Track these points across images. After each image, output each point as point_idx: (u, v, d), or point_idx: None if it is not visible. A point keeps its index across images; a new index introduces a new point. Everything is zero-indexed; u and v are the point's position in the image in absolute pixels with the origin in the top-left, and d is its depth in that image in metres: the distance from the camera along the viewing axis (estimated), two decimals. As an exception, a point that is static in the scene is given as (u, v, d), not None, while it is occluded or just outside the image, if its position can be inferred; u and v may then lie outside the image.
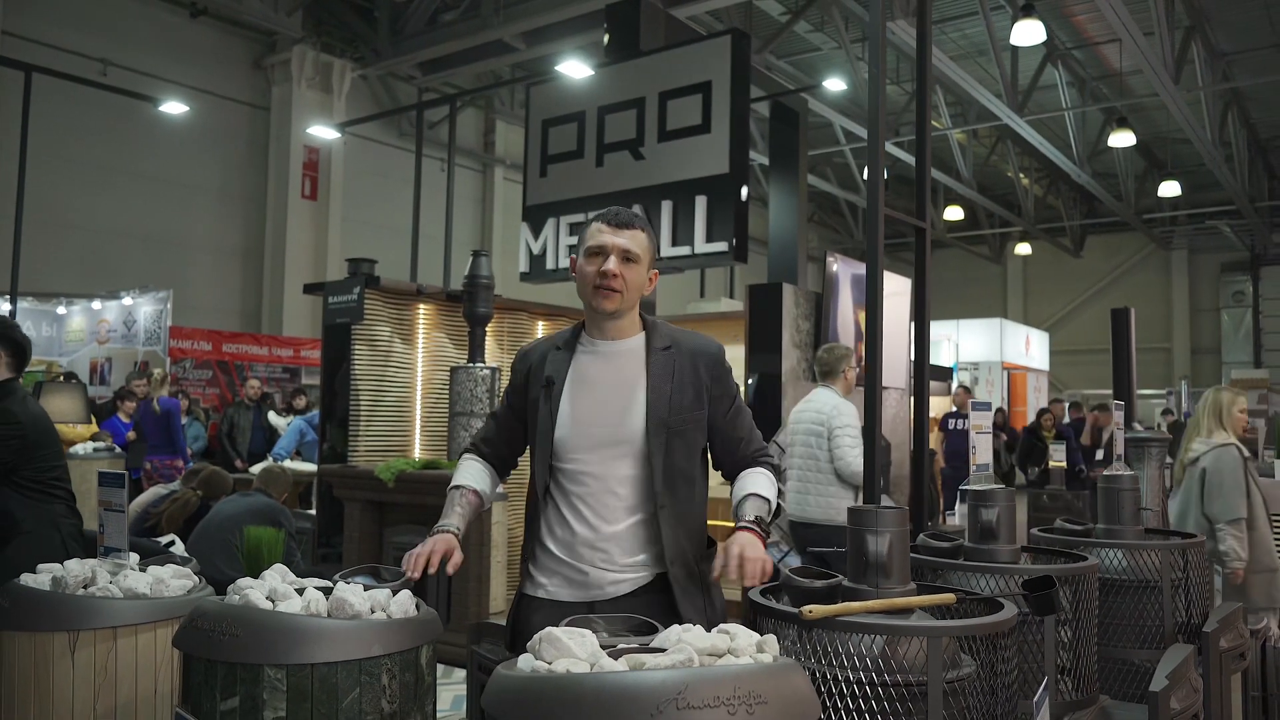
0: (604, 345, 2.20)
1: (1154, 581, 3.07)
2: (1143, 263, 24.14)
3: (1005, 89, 14.01)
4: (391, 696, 1.81)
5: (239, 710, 1.72)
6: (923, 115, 3.88)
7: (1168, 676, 2.30)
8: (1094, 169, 18.31)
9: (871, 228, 3.10)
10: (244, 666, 1.73)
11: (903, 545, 2.02)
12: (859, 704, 1.82)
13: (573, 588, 2.09)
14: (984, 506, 2.67)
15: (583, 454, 2.11)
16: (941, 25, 14.31)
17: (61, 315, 11.85)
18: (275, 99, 14.50)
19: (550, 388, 2.16)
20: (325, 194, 14.58)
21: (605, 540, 2.09)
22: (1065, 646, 2.58)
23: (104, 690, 2.19)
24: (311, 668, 1.73)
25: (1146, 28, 12.27)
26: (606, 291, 2.12)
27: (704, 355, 2.22)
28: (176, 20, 13.59)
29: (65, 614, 2.20)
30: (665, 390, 2.14)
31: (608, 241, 2.13)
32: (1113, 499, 3.25)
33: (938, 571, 2.67)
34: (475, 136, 17.75)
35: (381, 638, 1.80)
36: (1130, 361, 10.77)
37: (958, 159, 17.88)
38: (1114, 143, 15.91)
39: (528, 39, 12.62)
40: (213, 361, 11.68)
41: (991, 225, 23.54)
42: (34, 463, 3.07)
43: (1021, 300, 25.31)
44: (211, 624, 1.78)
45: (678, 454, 2.12)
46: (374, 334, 6.04)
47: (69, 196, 12.37)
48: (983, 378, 16.60)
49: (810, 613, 1.82)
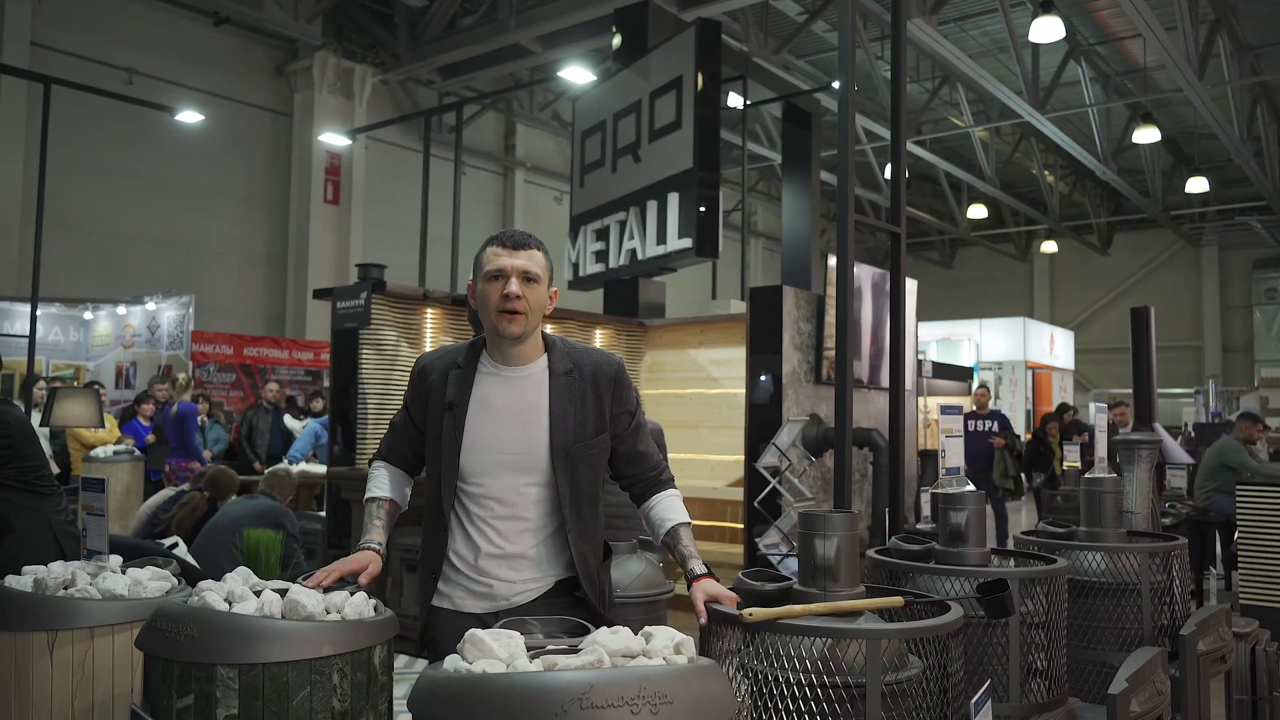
0: (506, 371, 2.18)
1: (1135, 584, 3.07)
2: (1171, 260, 23.86)
3: (1026, 86, 13.91)
4: (343, 695, 1.86)
5: (194, 708, 1.78)
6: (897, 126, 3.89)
7: (1128, 679, 2.31)
8: (1120, 165, 18.13)
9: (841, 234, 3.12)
10: (198, 666, 1.78)
11: (851, 549, 2.05)
12: (800, 705, 1.85)
13: (476, 599, 2.15)
14: (953, 510, 2.69)
15: (487, 479, 2.14)
16: (961, 23, 14.24)
17: (88, 320, 12.08)
18: (297, 105, 14.70)
19: (453, 410, 2.15)
20: (347, 198, 14.76)
21: (511, 559, 2.14)
22: (1035, 648, 2.60)
23: (81, 688, 2.26)
24: (263, 667, 1.78)
25: (1169, 22, 12.15)
26: (510, 315, 2.09)
27: (604, 375, 2.21)
28: (200, 29, 13.81)
29: (44, 614, 2.27)
30: (568, 417, 2.15)
31: (506, 264, 2.10)
32: (1094, 501, 3.25)
33: (907, 574, 2.70)
34: (496, 140, 17.89)
35: (332, 638, 1.85)
36: (1150, 360, 10.66)
37: (980, 157, 17.76)
38: (1139, 139, 15.75)
39: (544, 42, 12.71)
40: (235, 365, 11.87)
41: (1017, 223, 23.37)
42: (21, 460, 3.19)
43: (1048, 298, 25.10)
44: (169, 625, 1.84)
45: (582, 478, 2.15)
46: (381, 338, 6.12)
47: (94, 203, 12.61)
48: (1006, 377, 16.50)
49: (750, 616, 1.86)
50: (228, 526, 4.53)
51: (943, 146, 18.01)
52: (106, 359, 11.85)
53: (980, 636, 2.51)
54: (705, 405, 7.21)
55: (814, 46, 14.90)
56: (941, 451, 2.93)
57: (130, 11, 13.07)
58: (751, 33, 12.67)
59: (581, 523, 2.15)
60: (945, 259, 26.79)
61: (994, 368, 16.62)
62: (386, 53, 14.53)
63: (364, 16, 14.32)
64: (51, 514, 3.33)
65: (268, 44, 14.60)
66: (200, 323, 12.07)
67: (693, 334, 7.35)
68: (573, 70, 8.92)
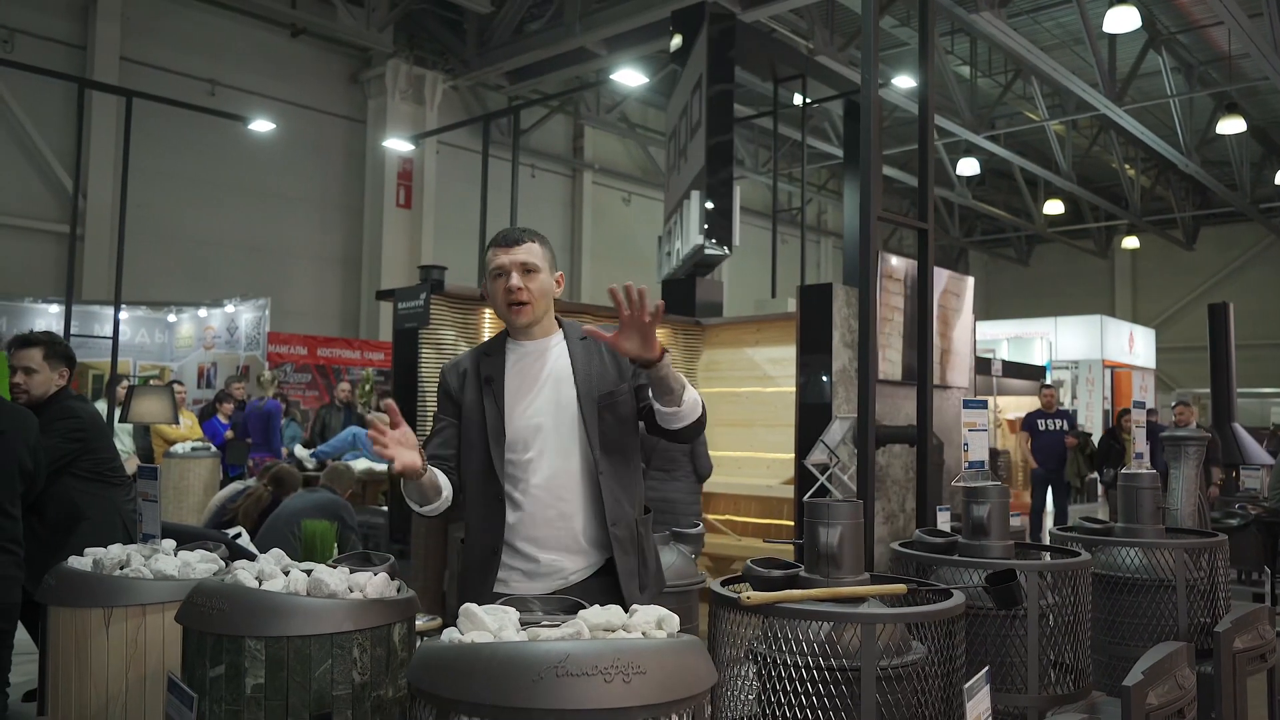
0: (529, 345, 2.40)
1: (1171, 581, 3.04)
2: (1261, 255, 22.97)
3: (1103, 78, 13.57)
4: (363, 669, 1.98)
5: (224, 677, 1.92)
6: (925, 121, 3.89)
7: (1144, 672, 2.30)
8: (1204, 157, 17.54)
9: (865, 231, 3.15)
10: (229, 638, 1.92)
11: (855, 537, 2.09)
12: (799, 686, 1.91)
13: (531, 580, 2.27)
14: (976, 503, 2.71)
15: (533, 439, 2.30)
16: (1034, 15, 13.96)
17: (172, 323, 12.60)
18: (371, 112, 15.09)
19: (491, 384, 2.34)
20: (419, 202, 15.11)
21: (565, 520, 2.27)
22: (1058, 641, 2.60)
23: (134, 661, 2.43)
24: (287, 640, 1.91)
25: (1253, 9, 11.75)
26: (518, 306, 2.32)
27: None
28: (278, 40, 14.28)
29: (102, 592, 2.44)
30: (589, 370, 2.35)
31: (505, 261, 2.32)
32: (1132, 497, 3.22)
33: (932, 567, 2.72)
34: (565, 142, 18.10)
35: (353, 615, 1.97)
36: (1229, 358, 10.38)
37: (1056, 151, 17.37)
38: (1224, 129, 15.25)
39: (609, 45, 12.84)
40: (310, 365, 12.25)
41: (1096, 219, 22.76)
42: (93, 454, 3.41)
43: (1130, 296, 24.39)
44: (204, 600, 1.99)
45: (610, 428, 2.32)
46: (440, 338, 6.28)
47: (182, 210, 13.15)
48: (1082, 376, 16.11)
49: (748, 599, 1.92)
50: (289, 518, 4.73)
51: (1017, 141, 17.65)
52: (189, 360, 12.35)
53: (1000, 628, 2.53)
54: (761, 404, 7.23)
55: (881, 43, 14.73)
56: (965, 445, 2.94)
57: (212, 26, 13.59)
58: (817, 30, 12.63)
59: (613, 467, 2.29)
60: (1021, 256, 26.21)
61: (1070, 367, 16.22)
62: (456, 59, 14.82)
63: (434, 24, 14.63)
64: (120, 503, 3.56)
65: (343, 53, 15.02)
66: (278, 324, 12.50)
67: (749, 332, 7.37)
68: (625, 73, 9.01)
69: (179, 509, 7.19)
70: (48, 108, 11.99)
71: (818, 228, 23.61)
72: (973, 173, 18.44)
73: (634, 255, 18.05)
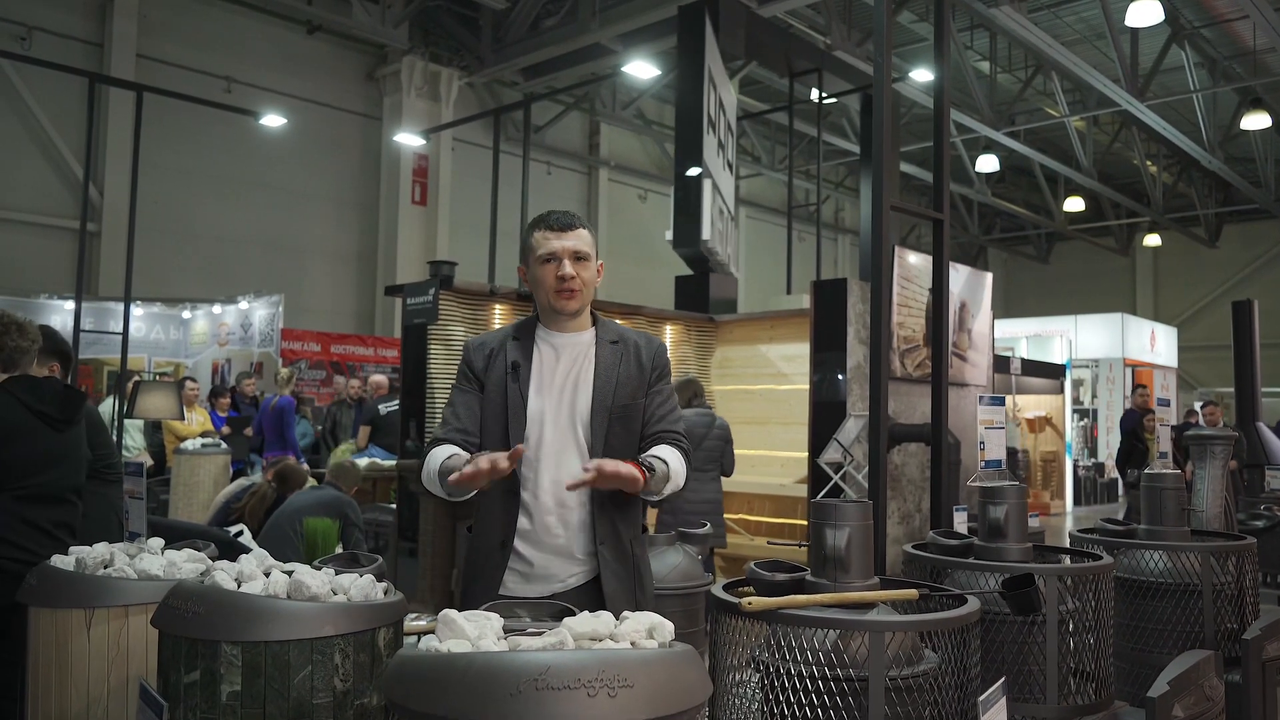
0: (559, 337, 2.31)
1: (1196, 585, 2.92)
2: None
3: (1125, 73, 13.37)
4: (345, 675, 1.89)
5: (199, 683, 1.83)
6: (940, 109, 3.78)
7: (1170, 682, 2.18)
8: (1228, 154, 17.28)
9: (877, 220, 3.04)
10: (204, 642, 1.83)
11: (864, 539, 1.99)
12: (803, 697, 1.80)
13: (528, 583, 2.20)
14: (992, 504, 2.59)
15: (540, 440, 2.22)
16: (1055, 9, 13.76)
17: (186, 319, 12.59)
18: (386, 109, 15.06)
19: (517, 369, 2.26)
20: (434, 199, 15.07)
21: (562, 526, 2.20)
22: (1079, 649, 2.48)
23: (116, 664, 2.35)
24: (264, 645, 1.82)
25: (1278, 3, 11.53)
26: (568, 294, 2.23)
27: (647, 349, 2.34)
28: (294, 37, 14.26)
29: (83, 592, 2.36)
30: (611, 379, 2.26)
31: (557, 246, 2.23)
32: (1155, 498, 3.10)
33: (946, 570, 2.61)
34: (581, 139, 18.02)
35: (334, 619, 1.88)
36: (1253, 356, 10.17)
37: (1077, 148, 17.13)
38: (1248, 125, 15.02)
39: (624, 41, 12.73)
40: (325, 362, 12.21)
41: (1117, 216, 22.47)
42: (91, 450, 3.34)
43: (1152, 293, 24.09)
44: (181, 603, 1.90)
45: (616, 436, 2.23)
46: (449, 334, 6.21)
47: (198, 207, 13.16)
48: (1103, 375, 15.90)
49: (750, 604, 1.82)
50: (292, 515, 4.66)
51: (1037, 137, 17.44)
52: (203, 356, 12.34)
53: (1018, 635, 2.41)
54: (775, 401, 7.13)
55: (900, 39, 14.57)
56: (981, 443, 2.83)
57: (228, 23, 13.59)
58: (834, 24, 12.48)
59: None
60: (1041, 254, 25.94)
61: (1090, 365, 16.01)
62: (471, 56, 14.77)
63: (449, 21, 14.58)
64: (116, 500, 3.48)
65: (358, 50, 14.99)
66: (294, 321, 12.46)
67: (763, 329, 7.27)
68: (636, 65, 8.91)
69: (189, 505, 7.15)
70: (65, 105, 12.01)
71: (835, 225, 23.44)
72: (992, 169, 18.24)
73: (650, 253, 17.93)
